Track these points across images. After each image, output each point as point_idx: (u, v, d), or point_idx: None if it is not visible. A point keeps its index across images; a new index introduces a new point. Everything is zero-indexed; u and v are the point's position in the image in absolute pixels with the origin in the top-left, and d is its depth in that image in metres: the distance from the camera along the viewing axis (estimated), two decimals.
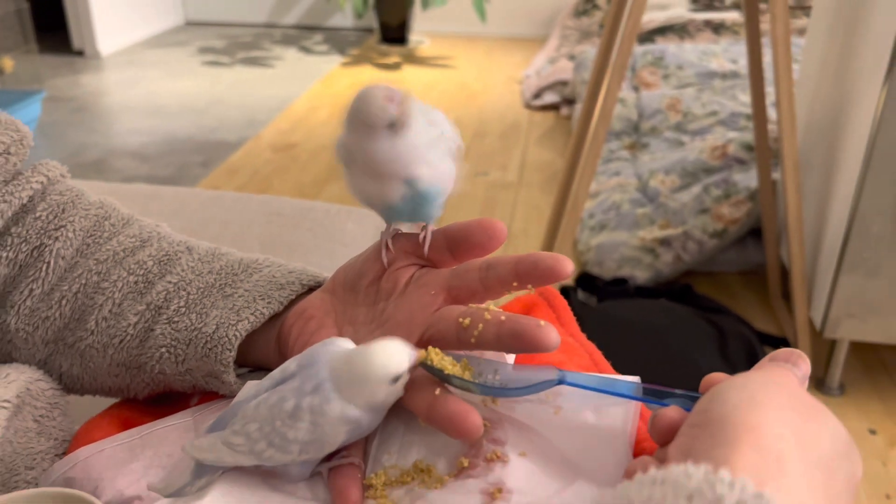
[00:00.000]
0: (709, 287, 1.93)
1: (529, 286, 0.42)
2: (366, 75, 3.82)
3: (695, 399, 0.36)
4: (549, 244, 1.86)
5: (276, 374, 0.41)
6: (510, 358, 0.43)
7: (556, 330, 0.39)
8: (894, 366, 1.63)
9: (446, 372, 0.39)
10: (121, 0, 4.19)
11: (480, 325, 0.41)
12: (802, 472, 0.29)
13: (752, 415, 0.30)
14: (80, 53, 4.02)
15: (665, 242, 1.92)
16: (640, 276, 1.89)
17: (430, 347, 0.40)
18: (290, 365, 0.41)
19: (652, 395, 0.38)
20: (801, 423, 0.31)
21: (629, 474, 0.30)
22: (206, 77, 3.72)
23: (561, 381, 0.39)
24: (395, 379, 0.38)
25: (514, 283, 0.42)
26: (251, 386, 0.42)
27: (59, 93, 3.44)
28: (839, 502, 0.31)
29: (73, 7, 3.93)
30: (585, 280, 1.86)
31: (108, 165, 2.67)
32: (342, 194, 2.49)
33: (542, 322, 0.39)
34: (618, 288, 1.81)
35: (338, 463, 0.40)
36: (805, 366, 0.36)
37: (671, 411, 0.35)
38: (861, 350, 1.65)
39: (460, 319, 0.42)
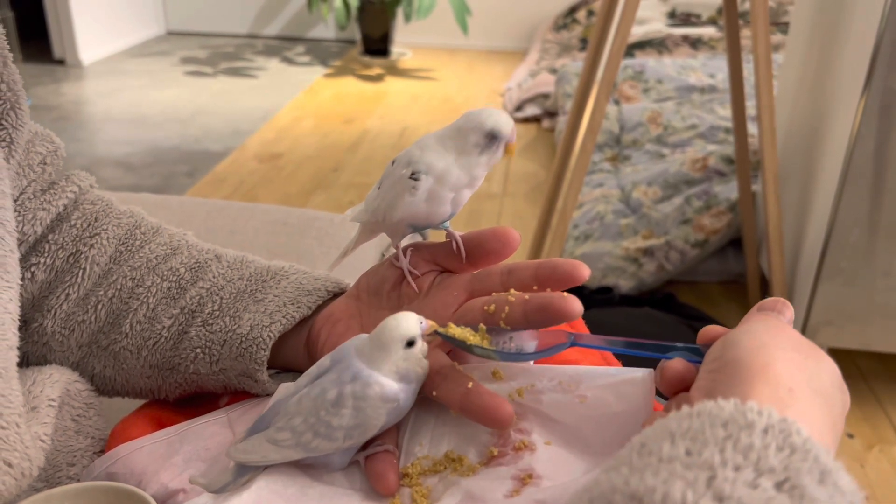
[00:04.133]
0: (690, 296, 1.97)
1: (548, 289, 0.45)
2: (349, 87, 3.85)
3: (694, 350, 0.40)
4: (536, 254, 1.90)
5: (312, 370, 0.44)
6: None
7: (578, 300, 0.43)
8: (870, 372, 1.68)
9: (468, 343, 0.42)
10: (102, 9, 4.19)
11: (507, 308, 0.44)
12: (810, 400, 0.34)
13: (763, 356, 0.35)
14: (61, 62, 4.01)
15: (648, 252, 1.96)
16: (625, 284, 1.93)
17: (449, 323, 0.43)
18: (324, 361, 0.44)
19: (655, 349, 0.41)
20: (803, 360, 0.36)
21: (667, 410, 0.34)
22: (189, 87, 3.73)
23: (573, 344, 0.43)
24: (409, 343, 0.41)
25: (534, 287, 0.45)
26: (285, 388, 0.45)
27: (41, 101, 3.43)
28: (838, 425, 0.35)
29: (54, 16, 3.92)
30: (571, 289, 1.89)
31: (93, 175, 2.65)
32: (328, 204, 2.51)
33: (565, 293, 0.43)
34: (603, 296, 1.84)
35: (374, 450, 0.43)
36: (790, 312, 0.40)
37: (677, 363, 0.39)
38: (838, 357, 1.68)
39: (485, 307, 0.45)
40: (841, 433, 0.36)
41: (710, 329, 0.40)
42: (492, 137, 0.45)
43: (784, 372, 0.34)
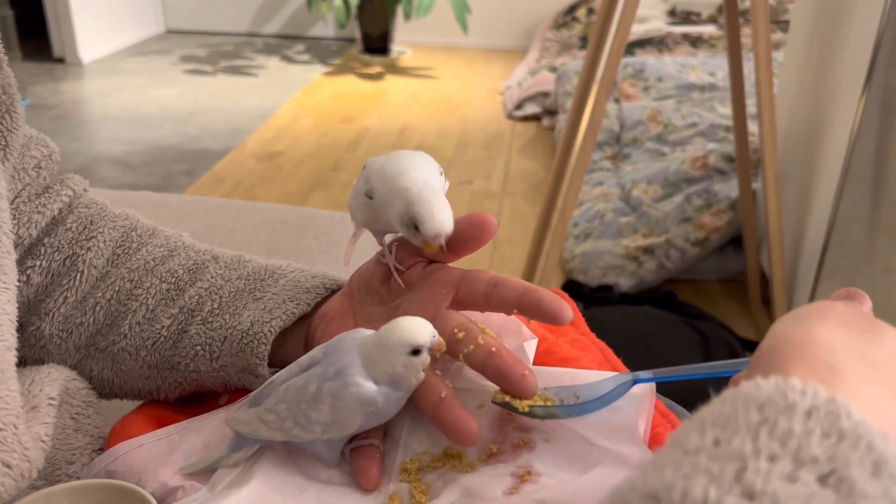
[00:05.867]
0: (690, 294, 1.97)
1: (528, 319, 0.45)
2: (348, 85, 3.85)
3: None
4: (536, 253, 1.89)
5: (304, 359, 0.44)
6: (529, 346, 0.46)
7: (534, 378, 0.41)
8: None
9: (525, 409, 0.41)
10: (102, 8, 4.19)
11: (472, 346, 0.43)
12: (861, 374, 0.29)
13: (799, 336, 0.31)
14: (60, 61, 4.01)
15: (648, 251, 1.96)
16: (625, 283, 1.93)
17: (500, 391, 0.42)
18: (317, 352, 0.44)
19: (726, 368, 0.40)
20: (853, 336, 0.31)
21: None
22: (188, 85, 3.72)
23: (636, 381, 0.41)
24: (415, 351, 0.40)
25: (515, 310, 0.45)
26: (283, 371, 0.45)
27: (41, 100, 3.43)
28: None
29: (53, 14, 3.92)
30: (571, 287, 1.89)
31: (91, 174, 2.67)
32: (326, 203, 2.51)
33: (527, 371, 0.41)
34: (603, 295, 1.84)
35: (358, 444, 0.43)
36: (867, 301, 0.36)
37: (745, 373, 0.36)
38: None
39: (455, 331, 0.44)
40: None
41: None
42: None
43: (824, 350, 0.30)
